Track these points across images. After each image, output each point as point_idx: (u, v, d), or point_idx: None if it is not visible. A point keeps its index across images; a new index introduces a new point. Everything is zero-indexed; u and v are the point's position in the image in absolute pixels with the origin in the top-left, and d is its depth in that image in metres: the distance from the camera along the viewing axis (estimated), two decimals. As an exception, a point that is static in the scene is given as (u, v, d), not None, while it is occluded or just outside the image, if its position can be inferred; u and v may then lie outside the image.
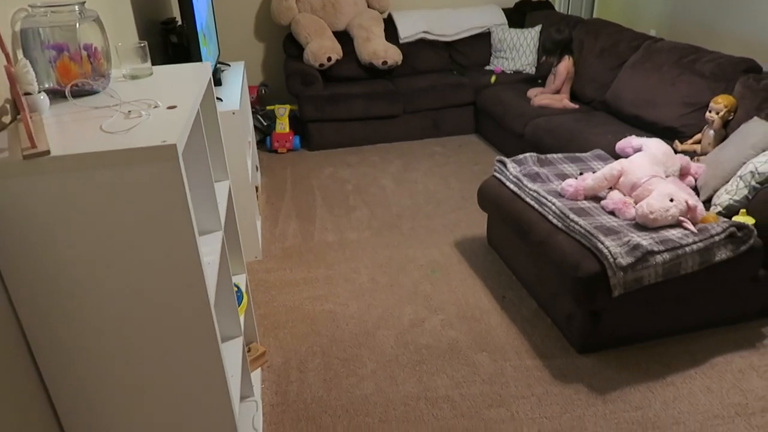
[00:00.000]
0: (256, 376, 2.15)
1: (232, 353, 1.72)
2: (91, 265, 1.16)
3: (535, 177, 2.74)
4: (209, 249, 1.54)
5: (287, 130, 4.63)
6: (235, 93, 3.01)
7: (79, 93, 1.42)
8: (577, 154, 3.03)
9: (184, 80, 1.57)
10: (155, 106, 1.32)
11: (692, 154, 3.01)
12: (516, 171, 2.80)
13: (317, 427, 1.97)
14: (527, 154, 2.95)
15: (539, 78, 4.77)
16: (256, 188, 3.58)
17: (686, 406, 2.02)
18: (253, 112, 4.55)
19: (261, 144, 4.80)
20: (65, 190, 1.09)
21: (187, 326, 1.28)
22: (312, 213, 3.56)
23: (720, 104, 2.89)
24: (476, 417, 2.00)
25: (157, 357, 1.29)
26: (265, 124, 4.75)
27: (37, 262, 1.15)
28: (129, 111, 1.29)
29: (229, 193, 1.89)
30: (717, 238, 2.18)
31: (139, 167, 1.10)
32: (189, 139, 1.54)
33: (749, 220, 2.30)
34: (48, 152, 1.06)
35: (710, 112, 2.93)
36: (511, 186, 2.74)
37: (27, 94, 1.24)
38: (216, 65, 3.28)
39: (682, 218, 2.25)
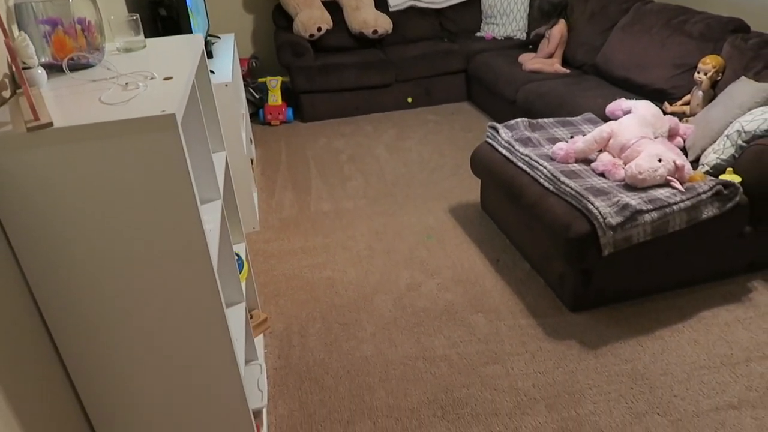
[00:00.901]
0: (258, 341, 2.22)
1: (235, 318, 1.77)
2: (97, 233, 1.20)
3: (526, 142, 2.78)
4: (209, 217, 1.58)
5: (280, 102, 4.63)
6: (226, 65, 3.02)
7: (75, 67, 1.44)
8: (568, 118, 3.07)
9: (177, 52, 1.59)
10: (152, 78, 1.35)
11: (681, 116, 3.05)
12: (508, 136, 2.83)
13: (320, 387, 2.05)
14: (518, 120, 2.98)
15: (530, 44, 4.77)
16: (251, 161, 3.61)
17: (674, 357, 2.10)
18: (244, 85, 4.54)
19: (254, 117, 4.81)
20: (69, 161, 1.12)
21: (192, 291, 1.32)
22: (307, 183, 3.60)
23: (708, 65, 2.91)
24: (473, 374, 2.07)
25: (164, 322, 1.34)
26: (257, 96, 4.74)
27: (45, 232, 1.18)
28: (126, 83, 1.32)
29: (226, 163, 1.92)
30: (704, 197, 2.24)
31: (140, 137, 1.13)
32: (186, 110, 1.57)
33: (736, 178, 2.35)
34: (51, 124, 1.09)
35: (698, 73, 2.95)
36: (503, 151, 2.78)
37: (25, 68, 1.26)
38: (206, 38, 3.27)
39: (670, 178, 2.30)
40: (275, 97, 4.63)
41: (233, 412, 1.53)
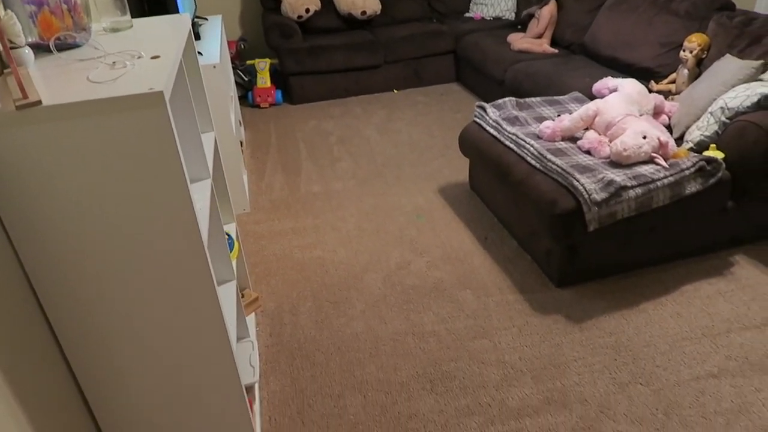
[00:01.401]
0: (250, 320, 2.25)
1: (226, 296, 1.80)
2: (87, 211, 1.22)
3: (514, 121, 2.80)
4: (199, 196, 1.60)
5: (268, 84, 4.62)
6: (214, 47, 3.01)
7: (62, 47, 1.45)
8: (555, 98, 3.09)
9: (164, 32, 1.60)
10: (139, 57, 1.36)
11: (667, 94, 3.08)
12: (495, 115, 2.86)
13: (311, 364, 2.09)
14: (506, 99, 3.00)
15: (519, 24, 4.78)
16: (241, 143, 3.61)
17: (657, 330, 2.16)
18: (233, 68, 4.52)
19: (243, 100, 4.80)
20: (58, 139, 1.13)
21: (183, 268, 1.35)
22: (297, 165, 3.61)
23: (693, 43, 2.94)
24: (461, 348, 2.12)
25: (156, 299, 1.37)
26: (245, 79, 4.73)
27: (34, 210, 1.19)
28: (114, 62, 1.33)
29: (215, 143, 1.94)
30: (687, 172, 2.28)
31: (129, 114, 1.15)
32: (174, 90, 1.58)
33: (719, 155, 2.39)
34: (40, 102, 1.11)
35: (684, 51, 2.98)
36: (491, 130, 2.81)
37: (13, 47, 1.27)
38: (193, 19, 3.26)
39: (654, 154, 2.33)
40: (264, 80, 4.61)
41: (226, 387, 1.57)
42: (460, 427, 1.81)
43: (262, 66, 4.57)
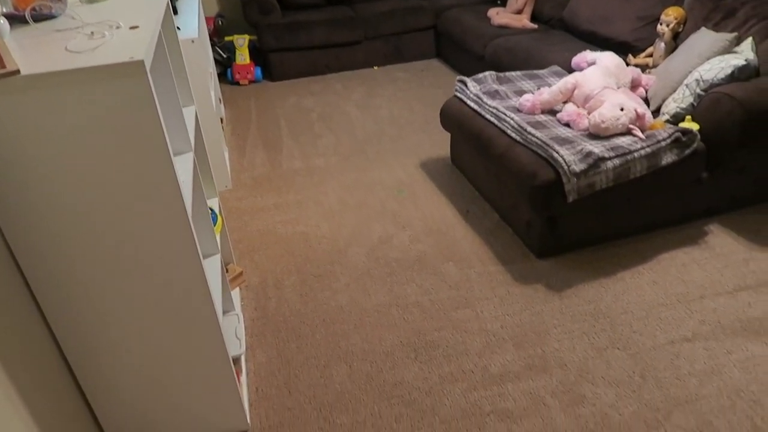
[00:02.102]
0: (235, 294, 2.26)
1: (211, 269, 1.81)
2: (70, 183, 1.21)
3: (494, 94, 2.82)
4: (182, 169, 1.60)
5: (248, 61, 4.57)
6: (192, 22, 2.97)
7: (38, 17, 1.43)
8: (535, 71, 3.11)
9: (141, 3, 1.58)
10: (117, 27, 1.35)
11: (644, 68, 3.12)
12: (476, 89, 2.87)
13: (296, 336, 2.11)
14: (487, 73, 3.02)
15: (498, -1, 4.77)
16: (221, 120, 3.59)
17: (634, 297, 2.22)
18: (211, 45, 4.46)
19: (222, 77, 4.74)
20: (37, 110, 1.12)
21: (169, 240, 1.35)
22: (278, 142, 3.60)
23: (670, 16, 2.97)
24: (444, 318, 2.16)
25: (142, 270, 1.37)
26: (224, 56, 4.67)
27: (15, 181, 1.18)
28: (92, 32, 1.32)
29: (195, 117, 1.93)
30: (663, 143, 2.32)
31: (109, 84, 1.14)
32: (154, 62, 1.57)
33: (694, 126, 2.44)
34: (18, 71, 1.09)
35: (661, 24, 3.01)
36: (472, 104, 2.82)
37: (-12, 17, 1.25)
38: (170, -7, 3.20)
39: (631, 126, 2.37)
40: (243, 57, 4.56)
41: (213, 358, 1.58)
42: (444, 393, 1.86)
43: (241, 42, 4.52)
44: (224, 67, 4.71)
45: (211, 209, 2.02)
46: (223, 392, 1.67)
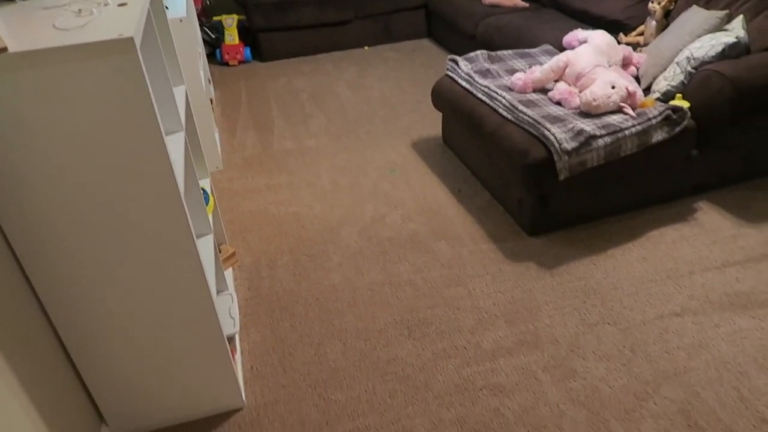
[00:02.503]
0: (228, 275, 2.26)
1: (204, 249, 1.81)
2: (61, 162, 1.20)
3: (485, 73, 2.82)
4: (173, 147, 1.59)
5: (237, 41, 4.53)
6: (179, 1, 2.93)
7: (24, -5, 1.41)
8: (526, 50, 3.10)
9: (129, -21, 1.55)
10: (105, 4, 1.33)
11: (636, 46, 3.12)
12: (467, 68, 2.86)
13: (290, 315, 2.12)
14: (478, 52, 3.00)
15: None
16: (211, 101, 3.56)
17: (624, 274, 2.24)
18: (199, 25, 4.40)
19: (211, 57, 4.70)
20: (26, 89, 1.11)
21: (162, 219, 1.35)
22: (269, 123, 3.58)
23: (661, -7, 2.96)
24: (437, 296, 2.18)
25: (136, 249, 1.37)
26: (213, 36, 4.62)
27: (6, 163, 1.18)
28: (79, 9, 1.30)
29: (186, 97, 1.91)
30: (654, 121, 2.33)
31: (99, 62, 1.13)
32: (143, 40, 1.55)
33: (684, 104, 2.45)
34: (5, 49, 1.08)
35: (652, 2, 3.00)
36: (463, 83, 2.82)
37: (-27, -6, 1.23)
38: (157, -28, 3.15)
39: (622, 104, 2.38)
40: (232, 37, 4.52)
41: (208, 336, 1.59)
42: (438, 369, 1.88)
43: (230, 22, 4.47)
44: (213, 47, 4.66)
45: (203, 189, 2.02)
46: (218, 370, 1.68)
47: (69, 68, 1.12)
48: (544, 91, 2.66)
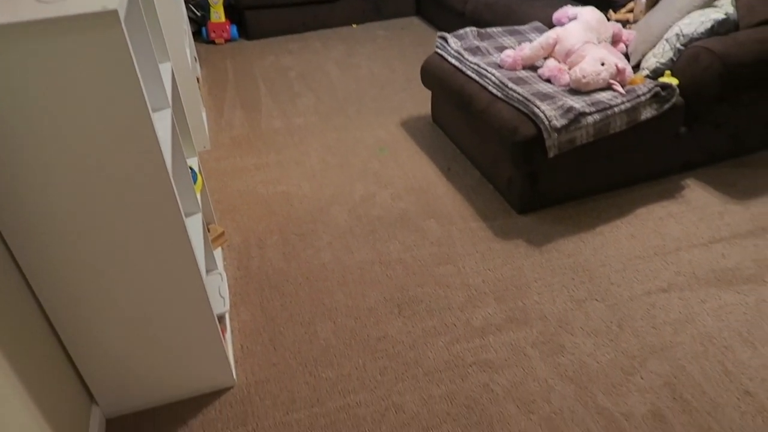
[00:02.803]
0: (217, 254, 2.26)
1: (193, 228, 1.80)
2: (46, 139, 1.18)
3: (475, 51, 2.80)
4: (160, 125, 1.57)
5: (223, 19, 4.46)
6: (164, -24, 2.87)
7: (3, -33, 1.37)
8: (516, 27, 3.08)
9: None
10: (88, -23, 1.29)
11: (625, 23, 3.10)
12: (457, 46, 2.84)
13: (280, 294, 2.12)
14: (467, 29, 2.98)
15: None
16: (197, 80, 3.51)
17: (612, 250, 2.26)
18: (184, 2, 4.33)
19: (197, 36, 4.62)
20: (7, 64, 1.09)
21: (150, 197, 1.33)
22: (257, 102, 3.54)
23: (651, -30, 2.94)
24: (427, 274, 2.18)
25: (124, 228, 1.36)
26: (198, 14, 4.54)
27: (-10, 139, 1.16)
28: (61, -18, 1.26)
29: (172, 74, 1.88)
30: (643, 98, 2.33)
31: (82, 36, 1.10)
32: (127, 14, 1.52)
33: (673, 81, 2.45)
34: (-15, 22, 1.05)
35: (642, -22, 2.99)
36: (453, 61, 2.80)
37: (-51, -35, 1.19)
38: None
39: (612, 81, 2.38)
40: (218, 14, 4.44)
41: (198, 315, 1.59)
42: (428, 346, 1.89)
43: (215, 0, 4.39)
44: (199, 25, 4.58)
45: (191, 168, 2.00)
46: (209, 349, 1.68)
47: (51, 43, 1.09)
48: (533, 68, 2.65)
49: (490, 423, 1.65)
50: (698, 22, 2.47)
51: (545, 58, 2.66)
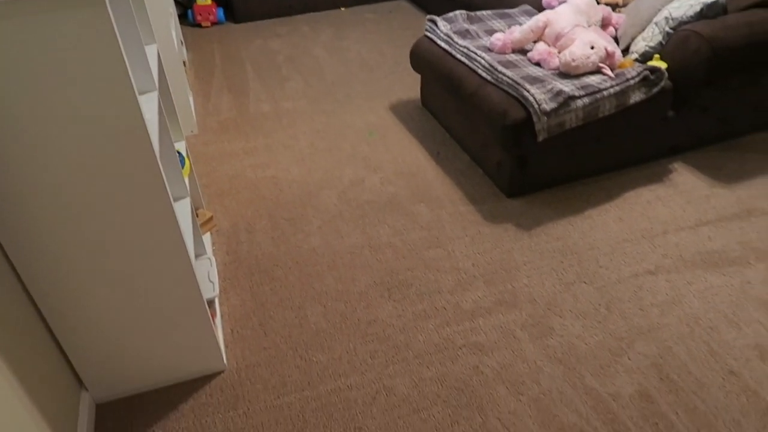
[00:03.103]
0: (206, 239, 2.24)
1: (182, 212, 1.78)
2: (31, 123, 1.16)
3: (465, 34, 2.78)
4: (147, 108, 1.55)
5: (209, 1, 4.39)
6: (148, -44, 2.82)
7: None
8: (506, 10, 3.07)
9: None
10: (70, -45, 1.27)
11: (615, 7, 3.09)
12: (446, 29, 2.82)
13: (270, 278, 2.12)
14: (457, 12, 2.96)
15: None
16: (184, 63, 3.46)
17: (600, 234, 2.27)
18: (170, -17, 4.25)
19: (183, 18, 4.56)
20: (-9, 42, 1.07)
21: (137, 180, 1.32)
22: (245, 85, 3.51)
23: (641, -48, 2.93)
24: (416, 257, 2.19)
25: (112, 213, 1.34)
26: (184, -5, 4.48)
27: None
28: (43, -40, 1.24)
29: (158, 57, 1.86)
30: (632, 82, 2.33)
31: (65, 15, 1.08)
32: (110, -6, 1.49)
33: (662, 64, 2.46)
34: (-35, 1, 1.03)
35: (632, -39, 2.98)
36: (442, 44, 2.78)
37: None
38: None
39: (601, 64, 2.38)
40: (204, -4, 4.38)
41: (188, 299, 1.58)
42: (418, 329, 1.90)
43: (201, -19, 4.33)
44: (185, 8, 4.52)
45: (179, 152, 1.98)
46: (199, 334, 1.67)
47: (33, 22, 1.07)
48: (523, 51, 2.64)
49: (480, 404, 1.66)
50: (687, 5, 2.47)
51: (535, 42, 2.65)
